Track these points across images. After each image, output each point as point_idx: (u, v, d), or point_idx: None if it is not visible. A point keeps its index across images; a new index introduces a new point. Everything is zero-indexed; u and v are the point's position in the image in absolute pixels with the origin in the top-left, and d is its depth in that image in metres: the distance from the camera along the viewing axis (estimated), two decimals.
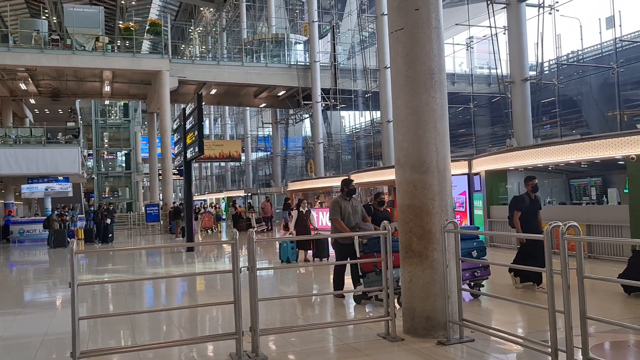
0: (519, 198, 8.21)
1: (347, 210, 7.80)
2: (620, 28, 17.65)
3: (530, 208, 8.03)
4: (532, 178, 8.19)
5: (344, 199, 7.89)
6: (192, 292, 9.77)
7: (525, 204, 8.03)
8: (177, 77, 26.19)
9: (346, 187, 7.94)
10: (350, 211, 7.82)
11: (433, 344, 5.19)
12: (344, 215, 7.77)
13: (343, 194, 7.96)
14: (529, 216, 8.01)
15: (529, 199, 8.06)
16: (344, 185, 8.00)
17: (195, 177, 61.92)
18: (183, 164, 16.61)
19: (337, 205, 7.85)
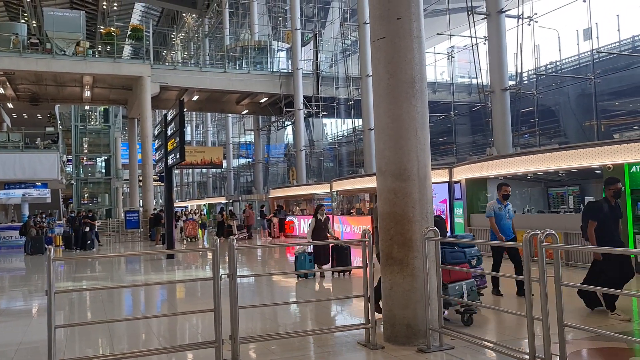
0: (595, 205, 6.97)
1: None
2: (598, 40, 18.01)
3: (609, 217, 6.76)
4: (615, 181, 6.93)
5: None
6: (172, 300, 9.68)
7: (603, 211, 6.73)
8: (158, 82, 26.01)
9: None
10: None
11: (413, 352, 5.21)
12: None
13: None
14: (608, 227, 6.74)
15: (608, 205, 6.78)
16: None
17: (176, 184, 61.46)
18: (164, 171, 16.48)
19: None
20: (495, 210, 8.18)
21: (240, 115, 37.98)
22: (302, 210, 25.02)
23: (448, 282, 6.20)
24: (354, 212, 20.27)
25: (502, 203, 8.21)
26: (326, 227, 11.17)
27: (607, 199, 6.82)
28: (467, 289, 6.41)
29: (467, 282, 6.45)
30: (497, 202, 8.27)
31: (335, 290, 9.69)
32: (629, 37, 22.54)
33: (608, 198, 6.83)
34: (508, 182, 8.67)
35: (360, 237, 5.56)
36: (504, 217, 8.19)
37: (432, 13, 29.23)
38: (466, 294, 6.36)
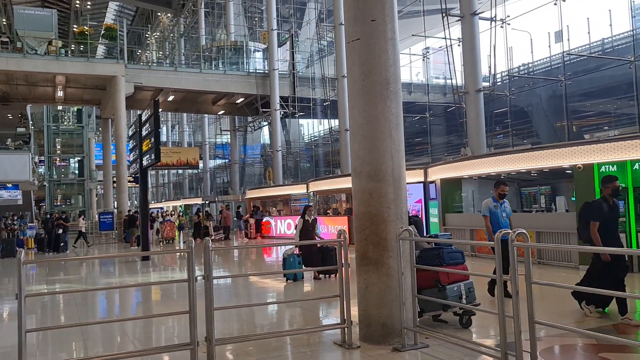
0: (594, 205, 6.61)
1: None
2: (569, 42, 18.36)
3: (610, 216, 6.51)
4: (613, 179, 6.64)
5: None
6: (147, 302, 9.59)
7: (603, 211, 6.46)
8: (133, 82, 25.72)
9: None
10: None
11: (388, 351, 5.25)
12: None
13: None
14: (610, 227, 6.50)
15: (607, 205, 6.52)
16: None
17: (152, 185, 60.83)
18: (139, 172, 16.31)
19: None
20: (491, 209, 7.87)
21: (216, 116, 37.77)
22: (279, 211, 25.00)
23: (447, 283, 6.05)
24: (331, 212, 20.33)
25: (497, 201, 7.91)
26: (314, 228, 10.90)
27: (605, 198, 6.57)
28: (465, 289, 6.26)
29: (465, 282, 6.29)
30: (492, 200, 7.95)
31: (318, 292, 9.64)
32: (598, 39, 23.04)
33: (606, 197, 6.58)
34: (506, 181, 8.43)
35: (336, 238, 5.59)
36: (500, 216, 7.88)
37: (407, 14, 29.48)
38: (464, 295, 6.22)
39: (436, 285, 6.02)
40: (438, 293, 5.97)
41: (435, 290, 6.00)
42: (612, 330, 5.87)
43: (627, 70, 15.04)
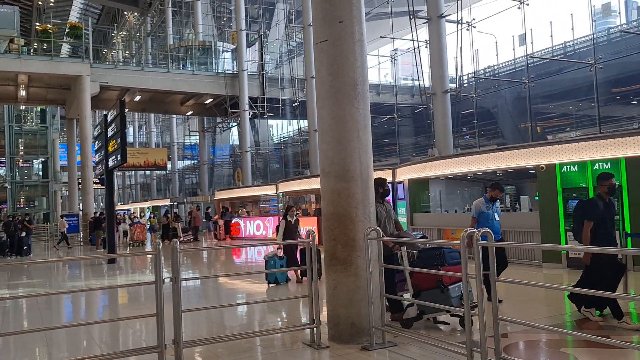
0: (589, 203, 6.33)
1: (383, 215, 6.59)
2: (532, 45, 18.82)
3: (606, 215, 6.23)
4: (610, 176, 6.35)
5: (378, 202, 6.46)
6: (113, 306, 9.44)
7: (598, 210, 6.18)
8: (98, 82, 25.24)
9: (381, 187, 6.67)
10: (387, 216, 6.66)
11: (357, 350, 5.30)
12: (381, 221, 6.48)
13: (377, 196, 6.40)
14: (606, 227, 6.22)
15: (603, 203, 6.24)
16: (378, 185, 6.47)
17: (119, 186, 59.82)
18: (104, 173, 16.04)
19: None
20: (482, 210, 7.47)
21: (184, 116, 37.37)
22: (248, 212, 24.89)
23: (448, 283, 5.79)
24: (300, 213, 20.32)
25: (489, 202, 7.55)
26: (297, 229, 10.45)
27: (600, 196, 6.28)
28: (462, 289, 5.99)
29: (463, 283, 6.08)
30: (484, 200, 7.56)
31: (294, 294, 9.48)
32: (561, 42, 23.65)
33: (602, 195, 6.28)
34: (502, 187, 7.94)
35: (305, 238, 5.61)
36: (491, 217, 7.50)
37: (376, 16, 29.72)
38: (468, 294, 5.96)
39: (438, 286, 5.78)
40: (441, 294, 5.73)
41: (437, 291, 5.78)
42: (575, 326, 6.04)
43: (587, 73, 15.47)
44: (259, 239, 22.20)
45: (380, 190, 6.61)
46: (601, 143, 9.62)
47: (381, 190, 6.64)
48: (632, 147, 9.17)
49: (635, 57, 18.96)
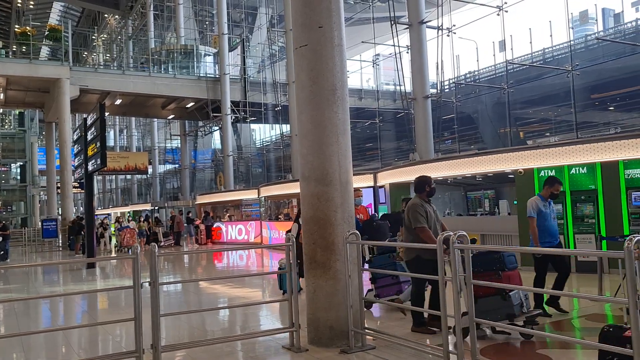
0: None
1: (432, 217, 6.12)
2: (512, 51, 19.05)
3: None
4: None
5: (425, 202, 6.16)
6: (92, 311, 9.34)
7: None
8: (78, 85, 24.99)
9: (427, 185, 6.22)
10: (435, 218, 6.19)
11: (336, 353, 5.32)
12: (430, 223, 6.04)
13: (423, 194, 6.18)
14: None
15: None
16: (424, 183, 6.23)
17: (99, 190, 59.14)
18: (84, 177, 15.87)
19: (421, 209, 6.03)
20: (540, 209, 6.71)
21: (166, 120, 37.14)
22: (230, 217, 24.80)
23: (509, 290, 5.35)
24: (282, 217, 20.31)
25: (546, 200, 6.79)
26: None
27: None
28: (523, 296, 5.58)
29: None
30: (540, 199, 6.78)
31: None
32: (540, 49, 24.01)
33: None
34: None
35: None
36: (549, 217, 6.75)
37: (358, 21, 29.90)
38: (524, 302, 5.59)
39: (500, 293, 5.34)
40: (503, 302, 5.31)
41: (498, 298, 5.34)
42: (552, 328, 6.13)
43: (565, 79, 15.72)
44: (240, 244, 22.12)
45: (427, 188, 6.21)
46: (577, 148, 9.79)
47: (427, 189, 6.21)
48: (607, 152, 9.35)
49: (612, 64, 19.32)
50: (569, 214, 9.89)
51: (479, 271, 5.27)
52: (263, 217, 21.51)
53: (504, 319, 5.32)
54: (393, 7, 16.38)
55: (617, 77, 20.38)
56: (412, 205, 6.10)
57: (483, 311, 5.15)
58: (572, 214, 9.86)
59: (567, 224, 9.87)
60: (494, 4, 16.30)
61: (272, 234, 19.53)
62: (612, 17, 25.42)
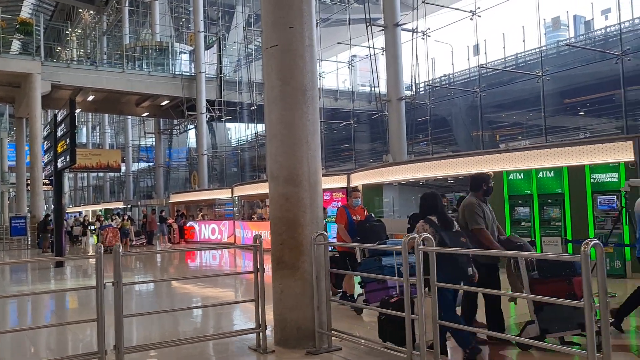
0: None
1: (489, 217, 5.58)
2: (486, 55, 19.32)
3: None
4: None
5: (482, 202, 5.61)
6: (60, 310, 9.16)
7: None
8: (50, 81, 24.55)
9: (485, 183, 5.65)
10: (492, 219, 5.66)
11: (302, 354, 5.30)
12: (488, 224, 5.51)
13: (479, 193, 5.63)
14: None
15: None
16: (481, 181, 5.67)
17: (70, 188, 58.16)
18: (53, 174, 15.59)
19: (479, 209, 5.48)
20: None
21: (140, 118, 36.71)
22: (204, 216, 24.62)
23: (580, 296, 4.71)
24: (255, 217, 20.25)
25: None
26: None
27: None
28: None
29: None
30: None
31: None
32: (513, 53, 24.34)
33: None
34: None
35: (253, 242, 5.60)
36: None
37: (336, 22, 29.96)
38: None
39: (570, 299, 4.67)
40: (573, 310, 4.68)
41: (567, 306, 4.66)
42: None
43: (536, 84, 15.98)
44: (214, 243, 21.98)
45: (484, 186, 5.66)
46: (545, 152, 9.96)
47: (485, 187, 5.66)
48: (573, 157, 9.53)
49: (582, 70, 19.69)
50: (536, 217, 10.05)
51: (545, 276, 4.94)
52: (236, 217, 21.40)
53: (576, 329, 4.84)
54: (369, 9, 16.47)
55: (587, 83, 20.78)
56: (469, 204, 5.54)
57: (550, 320, 4.74)
58: (540, 217, 10.02)
59: (535, 227, 10.03)
60: (467, 9, 16.50)
61: (245, 234, 19.44)
62: (583, 24, 25.92)
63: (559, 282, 4.86)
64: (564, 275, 4.91)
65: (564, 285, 4.82)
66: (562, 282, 4.85)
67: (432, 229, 5.11)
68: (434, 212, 5.31)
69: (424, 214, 5.38)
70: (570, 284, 4.85)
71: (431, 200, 5.42)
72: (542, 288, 4.84)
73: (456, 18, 17.05)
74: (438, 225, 5.15)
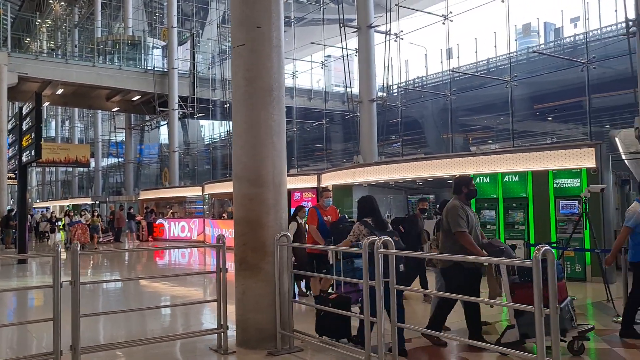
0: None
1: (472, 220, 5.50)
2: (459, 59, 19.57)
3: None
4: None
5: (465, 204, 5.56)
6: (15, 309, 8.95)
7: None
8: (17, 72, 23.98)
9: (465, 187, 5.59)
10: (475, 222, 5.58)
11: (263, 355, 5.30)
12: (472, 227, 5.45)
13: (461, 196, 5.57)
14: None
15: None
16: (462, 184, 5.62)
17: (38, 182, 56.94)
18: (17, 169, 15.26)
19: (462, 212, 5.39)
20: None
21: (111, 113, 36.13)
22: (173, 214, 24.36)
23: (560, 301, 4.78)
24: (225, 215, 20.12)
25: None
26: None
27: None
28: (571, 309, 5.17)
29: (569, 300, 5.17)
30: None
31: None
32: (485, 58, 24.67)
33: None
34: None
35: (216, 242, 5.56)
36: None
37: (311, 22, 29.93)
38: (574, 314, 5.20)
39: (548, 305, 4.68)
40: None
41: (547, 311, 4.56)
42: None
43: (505, 89, 16.23)
44: (183, 241, 21.77)
45: (464, 190, 5.57)
46: (511, 157, 10.13)
47: (465, 190, 5.57)
48: (538, 162, 9.71)
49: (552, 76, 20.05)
50: (501, 220, 10.21)
51: (526, 281, 4.85)
52: (207, 215, 21.23)
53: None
54: (342, 10, 16.51)
55: (556, 90, 21.17)
56: (452, 207, 5.45)
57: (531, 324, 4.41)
58: (504, 221, 10.19)
59: (500, 230, 10.19)
60: (440, 13, 16.68)
61: (215, 232, 19.29)
62: (553, 31, 26.42)
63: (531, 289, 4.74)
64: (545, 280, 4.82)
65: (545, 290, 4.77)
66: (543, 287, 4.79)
67: (367, 229, 5.50)
68: (370, 215, 5.64)
69: (361, 216, 5.70)
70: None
71: (368, 204, 5.75)
72: (523, 292, 4.80)
73: (429, 22, 17.24)
74: (373, 227, 5.50)
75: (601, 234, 8.92)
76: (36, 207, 45.38)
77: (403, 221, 7.90)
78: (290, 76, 26.01)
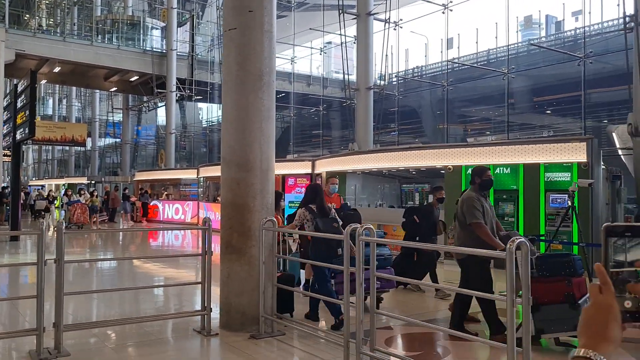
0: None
1: (488, 212, 5.39)
2: (458, 49, 19.49)
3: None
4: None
5: (481, 195, 5.45)
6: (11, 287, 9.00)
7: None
8: (14, 49, 23.83)
9: (479, 177, 5.50)
10: (491, 214, 5.49)
11: (245, 338, 5.35)
12: (487, 218, 5.32)
13: (475, 186, 5.50)
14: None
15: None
16: (475, 174, 5.57)
17: (34, 160, 56.87)
18: (12, 146, 15.23)
19: (477, 203, 5.29)
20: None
21: (108, 92, 35.97)
22: (168, 196, 24.39)
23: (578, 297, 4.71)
24: (220, 199, 20.14)
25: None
26: None
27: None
28: None
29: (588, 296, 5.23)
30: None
31: None
32: (485, 49, 24.58)
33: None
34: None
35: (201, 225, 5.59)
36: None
37: (313, 7, 29.71)
38: None
39: (568, 300, 4.68)
40: (570, 311, 4.63)
41: (565, 307, 4.68)
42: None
43: (503, 81, 16.19)
44: (177, 223, 21.82)
45: (477, 180, 5.47)
46: (504, 149, 10.14)
47: (478, 181, 5.47)
48: (529, 155, 9.73)
49: (550, 69, 20.00)
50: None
51: (544, 275, 4.80)
52: (201, 197, 21.26)
53: (572, 330, 4.60)
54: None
55: (555, 83, 21.14)
56: (468, 198, 5.38)
57: (547, 320, 4.64)
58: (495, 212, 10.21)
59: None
60: (439, 2, 16.56)
61: (209, 215, 19.34)
62: (554, 24, 26.31)
63: (558, 282, 4.75)
64: (564, 275, 4.82)
65: (562, 285, 4.72)
66: (561, 282, 4.74)
67: (311, 215, 5.97)
68: (314, 202, 6.04)
69: (307, 202, 6.11)
70: (570, 285, 4.74)
71: (313, 192, 6.23)
72: (541, 287, 4.71)
73: (428, 11, 17.13)
74: (316, 213, 5.95)
75: (589, 228, 8.96)
76: (32, 184, 45.40)
77: (418, 211, 7.98)
78: (289, 61, 25.90)
